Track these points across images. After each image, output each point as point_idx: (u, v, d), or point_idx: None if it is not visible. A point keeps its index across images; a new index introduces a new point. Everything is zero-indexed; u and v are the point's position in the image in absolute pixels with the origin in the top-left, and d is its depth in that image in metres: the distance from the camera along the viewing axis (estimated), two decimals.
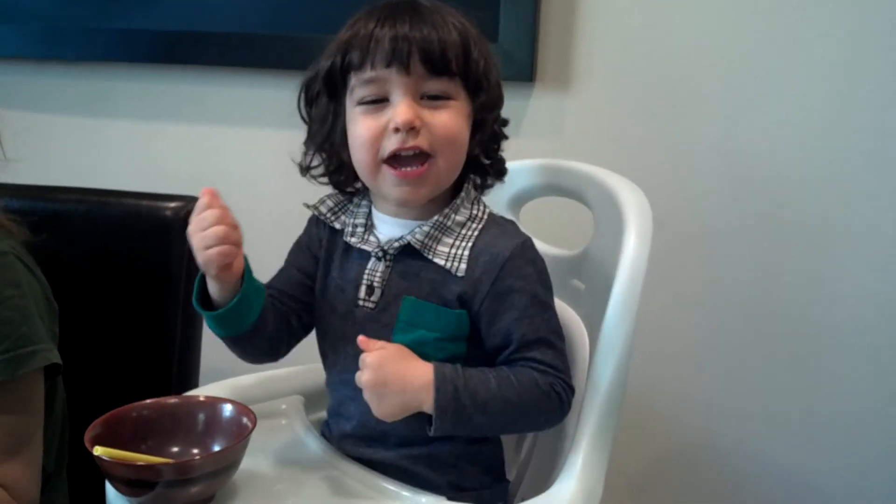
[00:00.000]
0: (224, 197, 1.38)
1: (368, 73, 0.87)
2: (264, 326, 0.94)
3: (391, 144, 0.87)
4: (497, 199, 1.10)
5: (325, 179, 0.99)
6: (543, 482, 0.95)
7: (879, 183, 1.35)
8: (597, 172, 1.02)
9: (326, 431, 0.99)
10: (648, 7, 1.39)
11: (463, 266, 0.89)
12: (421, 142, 0.87)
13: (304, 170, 0.99)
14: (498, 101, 0.95)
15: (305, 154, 0.98)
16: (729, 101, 1.38)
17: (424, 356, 0.87)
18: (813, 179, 1.37)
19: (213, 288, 0.89)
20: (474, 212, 0.93)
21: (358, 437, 0.94)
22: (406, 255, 0.91)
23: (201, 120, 1.62)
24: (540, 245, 1.07)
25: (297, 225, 1.02)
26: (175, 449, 0.88)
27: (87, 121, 1.65)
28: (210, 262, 0.85)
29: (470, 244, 0.90)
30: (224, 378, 1.09)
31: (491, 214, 0.94)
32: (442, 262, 0.89)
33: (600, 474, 0.87)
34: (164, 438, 0.89)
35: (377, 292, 0.92)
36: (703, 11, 1.37)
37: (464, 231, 0.91)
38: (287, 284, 0.99)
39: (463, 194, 0.93)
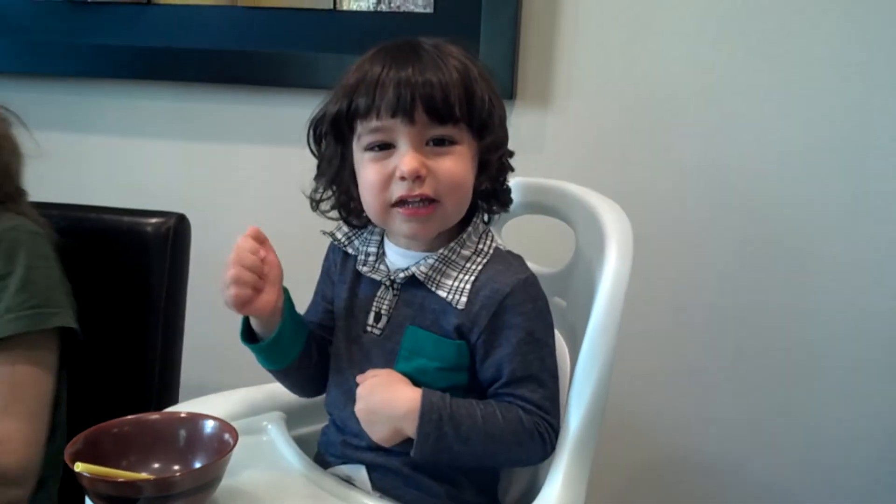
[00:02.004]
0: (204, 212, 1.41)
1: (374, 123, 0.89)
2: (309, 359, 0.99)
3: (398, 190, 0.89)
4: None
5: (334, 213, 1.00)
6: (525, 495, 0.96)
7: (857, 199, 1.37)
8: (578, 191, 1.03)
9: (323, 440, 1.01)
10: (628, 25, 1.40)
11: (464, 299, 0.90)
12: (426, 189, 0.89)
13: (315, 204, 1.00)
14: (503, 141, 0.96)
15: (315, 190, 1.00)
16: (708, 118, 1.40)
17: (426, 385, 0.89)
18: (791, 196, 1.39)
19: (254, 323, 0.95)
20: (480, 246, 0.94)
21: (362, 446, 0.95)
22: (412, 286, 0.94)
23: (182, 136, 1.63)
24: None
25: (278, 239, 1.02)
26: (156, 465, 0.88)
27: (67, 136, 1.64)
28: (226, 302, 0.90)
29: (472, 278, 0.91)
30: (204, 394, 1.09)
31: (497, 249, 0.95)
32: (444, 295, 0.91)
33: (582, 487, 0.87)
34: (146, 454, 0.88)
35: (384, 319, 0.95)
36: (681, 30, 1.39)
37: (468, 265, 0.93)
38: (318, 314, 1.03)
39: (470, 229, 0.95)
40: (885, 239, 1.37)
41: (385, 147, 0.90)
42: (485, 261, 0.93)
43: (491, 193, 0.96)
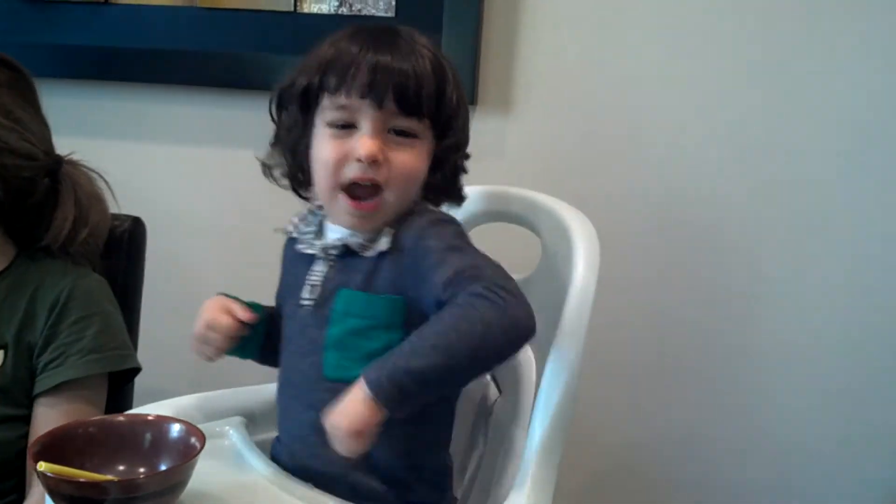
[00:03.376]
0: (164, 215, 1.39)
1: (342, 100, 0.89)
2: (273, 346, 1.02)
3: (352, 172, 0.90)
4: None
5: (286, 182, 1.00)
6: (490, 501, 0.97)
7: (818, 208, 1.41)
8: (545, 200, 1.05)
9: (277, 445, 1.00)
10: (588, 32, 1.43)
11: (386, 239, 0.91)
12: (378, 176, 0.90)
13: (268, 169, 1.00)
14: (463, 143, 0.97)
15: (270, 155, 1.00)
16: (667, 126, 1.43)
17: (359, 347, 0.89)
18: (752, 203, 1.42)
19: None
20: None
21: (303, 452, 0.94)
22: (347, 255, 0.94)
23: (138, 137, 1.61)
24: None
25: (234, 240, 1.02)
26: (121, 468, 0.86)
27: None
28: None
29: (394, 230, 0.92)
30: (161, 399, 1.07)
31: (423, 205, 0.96)
32: (373, 254, 0.92)
33: (548, 492, 0.88)
34: (110, 457, 0.86)
35: (317, 290, 0.95)
36: (641, 37, 1.41)
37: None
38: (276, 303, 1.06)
39: (410, 219, 0.94)
40: (853, 240, 1.41)
41: (347, 127, 0.90)
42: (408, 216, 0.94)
43: (442, 191, 0.97)
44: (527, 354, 1.00)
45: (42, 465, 0.78)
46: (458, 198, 1.00)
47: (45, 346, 1.15)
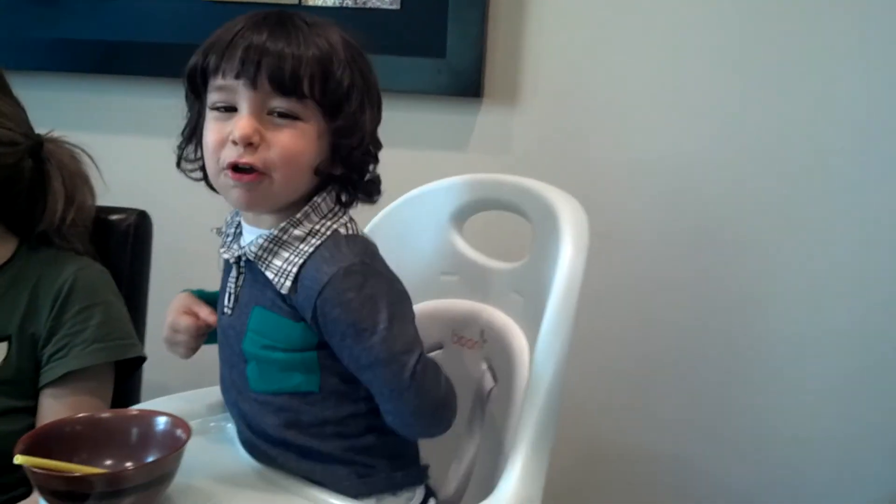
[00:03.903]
0: (170, 209, 1.40)
1: (220, 81, 0.87)
2: None
3: (229, 155, 0.87)
4: (439, 215, 1.12)
5: (197, 174, 0.98)
6: (483, 496, 0.96)
7: (819, 196, 1.39)
8: (534, 186, 1.03)
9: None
10: (594, 25, 1.42)
11: (288, 283, 0.86)
12: (256, 159, 0.86)
13: (178, 160, 0.98)
14: (354, 127, 0.91)
15: (179, 146, 0.97)
16: (671, 119, 1.41)
17: (277, 361, 0.89)
18: (749, 198, 1.41)
19: None
20: (317, 227, 0.89)
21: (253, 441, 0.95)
22: (255, 264, 0.91)
23: (143, 131, 1.61)
24: (481, 258, 1.09)
25: None
26: (108, 462, 0.86)
27: None
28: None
29: (301, 261, 0.87)
30: (168, 393, 1.09)
31: (336, 232, 0.90)
32: (271, 277, 0.88)
33: (539, 482, 0.88)
34: (98, 452, 0.86)
35: (232, 300, 0.94)
36: (646, 32, 1.40)
37: (301, 246, 0.88)
38: None
39: (307, 208, 0.90)
40: (850, 236, 1.39)
41: (229, 109, 0.87)
42: (318, 243, 0.88)
43: (346, 179, 0.92)
44: (520, 342, 0.98)
45: (20, 459, 0.78)
46: (368, 192, 0.95)
47: (49, 338, 1.16)
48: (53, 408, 1.14)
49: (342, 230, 0.90)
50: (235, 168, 0.86)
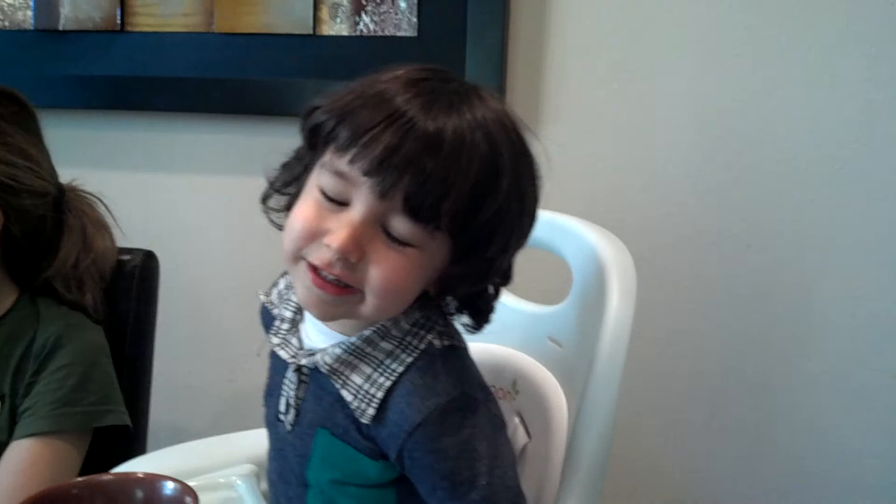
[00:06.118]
0: (177, 246, 1.34)
1: (343, 166, 0.69)
2: None
3: (317, 256, 0.71)
4: None
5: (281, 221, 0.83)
6: None
7: (875, 228, 1.32)
8: (575, 225, 0.95)
9: None
10: (617, 48, 1.36)
11: (371, 412, 0.72)
12: (349, 277, 0.70)
13: (264, 198, 0.82)
14: (481, 274, 0.75)
15: (272, 184, 0.82)
16: (699, 145, 1.35)
17: (347, 493, 0.77)
18: (802, 227, 1.34)
19: None
20: (409, 338, 0.75)
21: None
22: (323, 374, 0.76)
23: (155, 168, 1.56)
24: (513, 300, 1.02)
25: (251, 273, 0.95)
26: None
27: None
28: None
29: (389, 383, 0.72)
30: (178, 436, 1.04)
31: (430, 345, 0.74)
32: (349, 399, 0.74)
33: None
34: None
35: (292, 413, 0.80)
36: (670, 53, 1.35)
37: (389, 362, 0.74)
38: None
39: (401, 316, 0.75)
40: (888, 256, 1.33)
41: (338, 202, 0.71)
42: (409, 360, 0.73)
43: (462, 305, 0.79)
44: (558, 398, 0.91)
45: None
46: (476, 321, 0.80)
47: (27, 392, 1.10)
48: (7, 462, 1.07)
49: (436, 342, 0.75)
50: (319, 272, 0.71)
